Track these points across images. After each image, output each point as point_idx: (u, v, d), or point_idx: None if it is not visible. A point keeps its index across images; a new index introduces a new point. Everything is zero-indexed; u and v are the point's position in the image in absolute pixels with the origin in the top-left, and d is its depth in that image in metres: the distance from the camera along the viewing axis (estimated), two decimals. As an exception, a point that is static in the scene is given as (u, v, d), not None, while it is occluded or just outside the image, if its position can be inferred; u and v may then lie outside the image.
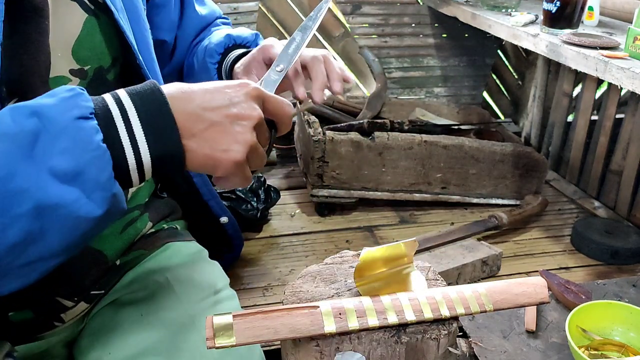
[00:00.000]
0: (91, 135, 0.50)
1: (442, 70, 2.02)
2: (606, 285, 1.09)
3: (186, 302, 0.79)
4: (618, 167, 1.53)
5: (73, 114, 0.50)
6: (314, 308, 0.62)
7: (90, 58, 0.73)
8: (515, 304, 0.68)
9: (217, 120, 0.56)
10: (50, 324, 0.76)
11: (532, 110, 1.94)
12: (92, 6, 0.73)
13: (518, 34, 1.34)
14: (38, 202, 0.48)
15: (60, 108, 0.50)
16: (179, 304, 0.78)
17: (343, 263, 0.75)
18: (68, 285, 0.76)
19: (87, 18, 0.72)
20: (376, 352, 0.61)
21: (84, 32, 0.72)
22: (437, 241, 1.28)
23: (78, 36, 0.71)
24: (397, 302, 0.64)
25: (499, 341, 0.93)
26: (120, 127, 0.53)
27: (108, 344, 0.75)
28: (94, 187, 0.51)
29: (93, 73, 0.74)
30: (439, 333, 0.63)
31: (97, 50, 0.74)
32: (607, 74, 1.07)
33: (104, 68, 0.75)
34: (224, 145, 0.57)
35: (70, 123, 0.50)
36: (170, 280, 0.82)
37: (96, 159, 0.50)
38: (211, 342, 0.57)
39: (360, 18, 1.90)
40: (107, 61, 0.75)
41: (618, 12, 1.45)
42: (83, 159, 0.50)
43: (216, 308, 0.80)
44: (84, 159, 0.50)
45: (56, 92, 0.53)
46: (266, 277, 1.23)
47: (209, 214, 1.00)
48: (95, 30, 0.73)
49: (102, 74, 0.75)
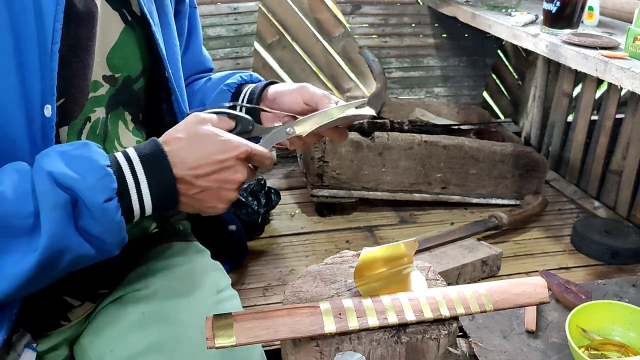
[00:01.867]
0: (113, 214, 0.62)
1: (442, 70, 2.02)
2: (606, 285, 1.09)
3: (188, 302, 0.79)
4: (618, 167, 1.53)
5: (102, 197, 0.61)
6: (314, 308, 0.62)
7: (122, 66, 0.77)
8: (515, 304, 0.68)
9: (207, 185, 0.66)
10: (57, 323, 0.77)
11: (532, 110, 1.94)
12: (130, 17, 0.77)
13: (518, 34, 1.34)
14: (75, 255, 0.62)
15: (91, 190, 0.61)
16: (181, 303, 0.79)
17: (343, 263, 0.75)
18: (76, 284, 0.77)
19: (124, 28, 0.76)
20: (376, 352, 0.61)
21: (120, 41, 0.76)
22: (437, 241, 1.28)
23: (114, 44, 0.75)
24: (397, 302, 0.64)
25: (499, 341, 0.93)
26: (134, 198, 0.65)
27: (110, 342, 0.75)
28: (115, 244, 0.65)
29: (122, 81, 0.78)
30: (439, 333, 0.63)
31: (128, 59, 0.78)
32: (607, 74, 1.07)
33: (132, 77, 0.79)
34: (211, 203, 0.68)
35: (98, 205, 0.61)
36: (172, 279, 0.82)
37: (117, 230, 0.63)
38: (211, 342, 0.57)
39: (360, 18, 1.90)
40: (136, 71, 0.80)
41: (618, 12, 1.45)
42: (107, 228, 0.62)
43: (218, 308, 0.80)
44: (107, 228, 0.62)
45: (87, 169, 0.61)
46: (266, 277, 1.24)
47: (217, 221, 1.01)
48: (130, 40, 0.78)
49: (129, 82, 0.79)
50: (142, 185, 0.64)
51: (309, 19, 1.86)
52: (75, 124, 0.73)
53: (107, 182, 0.62)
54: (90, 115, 0.75)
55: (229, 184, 0.67)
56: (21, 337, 0.73)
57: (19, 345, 0.72)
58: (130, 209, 0.64)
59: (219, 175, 0.66)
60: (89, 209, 0.61)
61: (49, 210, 0.60)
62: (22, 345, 0.73)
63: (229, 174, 0.66)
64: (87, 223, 0.61)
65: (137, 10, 0.78)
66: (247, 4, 1.73)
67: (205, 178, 0.65)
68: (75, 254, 0.62)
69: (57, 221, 0.60)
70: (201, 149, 0.66)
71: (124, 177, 0.64)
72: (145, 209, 0.65)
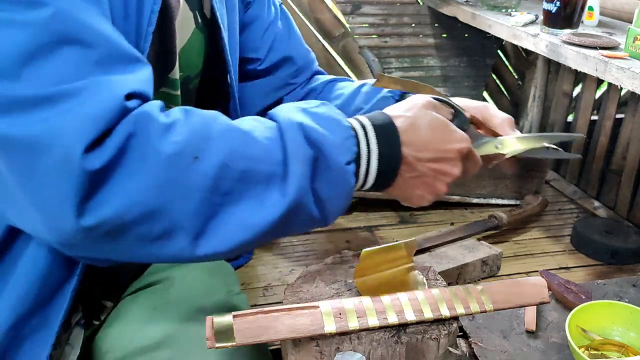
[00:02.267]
0: (350, 178, 0.61)
1: (442, 70, 2.02)
2: (606, 285, 1.09)
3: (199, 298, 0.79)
4: (618, 167, 1.53)
5: (344, 159, 0.60)
6: (314, 308, 0.62)
7: (185, 66, 0.78)
8: (516, 304, 0.69)
9: (425, 172, 0.65)
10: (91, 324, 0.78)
11: (532, 110, 1.94)
12: (200, 20, 0.78)
13: (518, 34, 1.34)
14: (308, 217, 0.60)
15: (336, 150, 0.59)
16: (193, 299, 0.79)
17: (343, 263, 0.75)
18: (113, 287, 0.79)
19: (195, 30, 0.77)
20: (376, 352, 0.61)
21: (189, 42, 0.77)
22: (437, 241, 1.27)
23: (184, 45, 0.76)
24: (397, 302, 0.64)
25: (499, 341, 0.93)
26: (362, 167, 0.63)
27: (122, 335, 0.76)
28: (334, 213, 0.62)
29: (182, 80, 0.78)
30: (439, 333, 0.63)
31: (192, 60, 0.79)
32: (607, 74, 1.07)
33: (190, 77, 0.81)
34: (421, 192, 0.67)
35: (340, 165, 0.60)
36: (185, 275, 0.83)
37: (344, 195, 0.62)
38: (211, 342, 0.57)
39: (360, 18, 1.90)
40: (194, 71, 0.81)
41: (618, 12, 1.45)
42: (336, 193, 0.61)
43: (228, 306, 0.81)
44: (337, 193, 0.61)
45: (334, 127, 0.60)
46: (266, 277, 1.23)
47: None
48: (198, 42, 0.79)
49: (187, 82, 0.80)
50: (372, 155, 0.62)
51: (309, 19, 1.86)
52: None
53: (350, 144, 0.60)
54: None
55: (445, 176, 0.66)
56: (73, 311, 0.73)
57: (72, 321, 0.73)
58: (357, 178, 0.63)
59: (439, 165, 0.65)
60: (328, 170, 0.59)
61: (298, 162, 0.57)
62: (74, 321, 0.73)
63: (448, 166, 0.65)
64: (321, 185, 0.59)
65: (208, 13, 0.79)
66: (247, 4, 1.73)
67: (425, 164, 0.64)
68: (305, 216, 0.60)
69: (303, 175, 0.57)
70: (429, 133, 0.64)
71: (359, 143, 0.62)
72: (367, 181, 0.63)
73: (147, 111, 0.54)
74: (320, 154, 0.58)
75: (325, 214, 0.61)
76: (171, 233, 0.54)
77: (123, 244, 0.54)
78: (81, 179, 0.50)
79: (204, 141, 0.54)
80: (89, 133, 0.50)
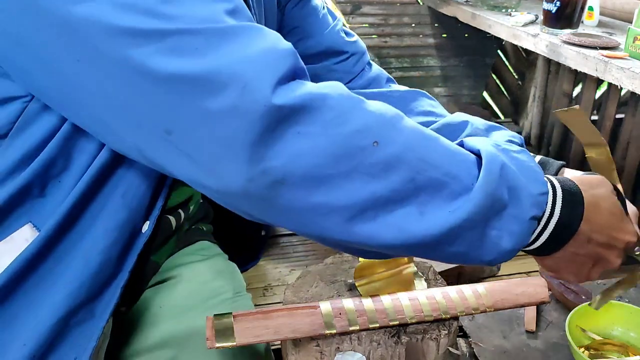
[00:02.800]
0: (529, 233, 0.57)
1: (442, 70, 2.02)
2: (606, 285, 1.09)
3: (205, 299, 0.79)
4: (618, 167, 1.53)
5: (533, 213, 0.56)
6: (314, 308, 0.62)
7: None
8: (515, 304, 0.69)
9: (590, 253, 0.62)
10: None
11: (532, 110, 1.94)
12: None
13: (518, 34, 1.34)
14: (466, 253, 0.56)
15: (529, 201, 0.56)
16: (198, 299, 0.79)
17: (343, 263, 0.75)
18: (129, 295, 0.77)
19: None
20: (376, 352, 0.61)
21: None
22: (437, 241, 1.27)
23: None
24: (397, 302, 0.64)
25: (499, 341, 0.93)
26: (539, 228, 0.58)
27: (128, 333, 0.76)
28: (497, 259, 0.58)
29: None
30: (439, 333, 0.63)
31: None
32: (607, 74, 1.07)
33: None
34: (577, 272, 0.64)
35: (526, 219, 0.56)
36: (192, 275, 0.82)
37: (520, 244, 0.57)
38: (211, 342, 0.57)
39: (360, 18, 1.90)
40: None
41: (618, 12, 1.45)
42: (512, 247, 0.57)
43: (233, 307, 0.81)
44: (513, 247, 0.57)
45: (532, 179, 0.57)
46: (266, 277, 1.24)
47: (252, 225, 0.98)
48: None
49: None
50: (552, 219, 0.59)
51: (309, 19, 1.87)
52: None
53: (543, 201, 0.57)
54: None
55: (604, 262, 0.64)
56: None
57: None
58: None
59: (605, 251, 0.63)
60: (513, 219, 0.56)
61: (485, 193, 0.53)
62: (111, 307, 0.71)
63: (612, 255, 0.64)
64: (501, 232, 0.56)
65: None
66: (247, 4, 1.74)
67: (594, 246, 0.62)
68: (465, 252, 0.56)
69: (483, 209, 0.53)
70: (609, 217, 0.63)
71: (543, 206, 0.58)
72: (537, 240, 0.60)
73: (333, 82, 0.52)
74: (513, 202, 0.56)
75: (491, 259, 0.58)
76: (327, 209, 0.51)
77: (280, 204, 0.51)
78: (266, 115, 0.47)
79: (388, 128, 0.52)
80: (280, 67, 0.48)
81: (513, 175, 0.56)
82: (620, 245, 0.64)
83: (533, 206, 0.56)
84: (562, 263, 0.63)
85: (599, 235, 0.61)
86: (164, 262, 0.85)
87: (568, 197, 0.60)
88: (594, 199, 0.62)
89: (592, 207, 0.61)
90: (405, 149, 0.52)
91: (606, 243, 0.62)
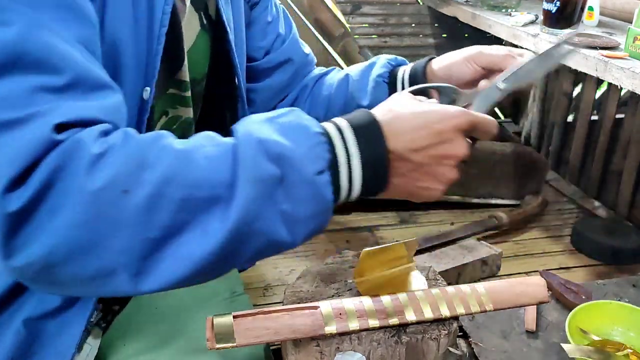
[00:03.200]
0: (324, 190, 0.54)
1: (442, 70, 2.02)
2: (606, 285, 1.09)
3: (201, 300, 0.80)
4: (618, 167, 1.53)
5: (314, 168, 0.53)
6: (314, 308, 0.62)
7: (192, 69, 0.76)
8: (515, 304, 0.69)
9: (423, 162, 0.58)
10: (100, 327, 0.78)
11: (532, 110, 1.94)
12: (205, 21, 0.77)
13: (518, 34, 1.34)
14: (268, 242, 0.53)
15: (304, 161, 0.53)
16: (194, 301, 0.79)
17: (343, 263, 0.75)
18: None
19: (200, 31, 0.76)
20: (376, 352, 0.61)
21: (195, 43, 0.76)
22: (437, 241, 1.27)
23: (190, 47, 0.75)
24: (397, 302, 0.64)
25: (499, 341, 0.93)
26: (343, 174, 0.56)
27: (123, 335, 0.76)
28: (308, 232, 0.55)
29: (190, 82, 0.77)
30: (439, 333, 0.63)
31: (198, 63, 0.78)
32: (607, 74, 1.07)
33: (197, 80, 0.79)
34: (426, 184, 0.60)
35: (310, 177, 0.53)
36: None
37: (322, 212, 0.55)
38: (211, 343, 0.57)
39: (360, 18, 1.90)
40: (200, 74, 0.79)
41: (618, 12, 1.45)
42: (311, 210, 0.54)
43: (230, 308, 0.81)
44: (312, 209, 0.54)
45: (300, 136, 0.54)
46: (266, 277, 1.23)
47: None
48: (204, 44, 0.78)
49: (193, 85, 0.78)
50: (354, 159, 0.56)
51: (309, 19, 1.86)
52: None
53: (320, 150, 0.54)
54: (169, 109, 0.75)
55: (448, 159, 0.59)
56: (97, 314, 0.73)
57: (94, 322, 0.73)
58: (338, 188, 0.56)
59: (437, 150, 0.58)
60: (296, 185, 0.52)
61: (250, 183, 0.51)
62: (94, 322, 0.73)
63: (448, 148, 0.59)
64: (290, 203, 0.53)
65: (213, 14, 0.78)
66: (247, 4, 1.74)
67: (422, 152, 0.58)
68: (267, 240, 0.53)
69: (255, 197, 0.51)
70: (416, 120, 0.58)
71: (334, 148, 0.55)
72: (353, 187, 0.57)
73: (79, 140, 0.49)
74: (286, 169, 0.52)
75: (296, 235, 0.54)
76: (107, 271, 0.50)
77: (62, 282, 0.51)
78: (2, 221, 0.47)
79: (136, 171, 0.49)
80: (9, 171, 0.47)
81: (274, 145, 0.52)
82: (451, 134, 0.59)
83: (311, 162, 0.53)
84: (408, 186, 0.60)
85: (418, 141, 0.58)
86: None
87: (360, 129, 0.57)
88: (391, 113, 0.59)
89: (393, 121, 0.58)
90: (161, 185, 0.50)
91: (433, 142, 0.58)
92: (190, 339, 0.74)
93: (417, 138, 0.58)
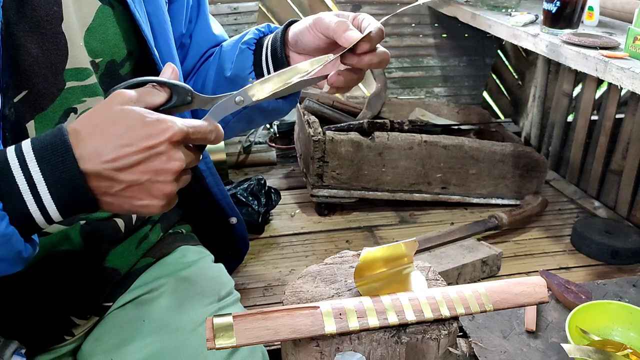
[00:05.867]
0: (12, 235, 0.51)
1: (442, 70, 2.02)
2: (606, 285, 1.09)
3: (189, 309, 0.78)
4: (618, 167, 1.53)
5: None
6: (314, 308, 0.62)
7: (102, 50, 0.70)
8: (515, 304, 0.68)
9: (134, 179, 0.54)
10: (61, 339, 0.76)
11: (532, 110, 1.94)
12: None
13: (518, 34, 1.34)
14: None
15: None
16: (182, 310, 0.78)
17: (343, 263, 0.75)
18: (83, 304, 0.76)
19: (100, 7, 0.69)
20: (376, 352, 0.61)
21: (96, 22, 0.68)
22: (437, 241, 1.28)
23: (89, 26, 0.68)
24: (397, 302, 0.64)
25: (499, 341, 0.93)
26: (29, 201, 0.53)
27: (110, 349, 0.75)
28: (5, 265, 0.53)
29: (105, 67, 0.71)
30: (439, 333, 0.63)
31: (109, 42, 0.70)
32: (607, 74, 1.07)
33: (117, 62, 0.72)
34: (144, 201, 0.56)
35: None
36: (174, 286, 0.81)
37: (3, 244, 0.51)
38: (211, 342, 0.57)
39: (360, 18, 1.90)
40: (120, 55, 0.72)
41: (618, 12, 1.45)
42: None
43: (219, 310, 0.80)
44: None
45: None
46: (266, 277, 1.24)
47: (218, 215, 0.95)
48: (109, 21, 0.70)
49: (114, 68, 0.72)
50: (40, 186, 0.52)
51: (309, 19, 1.86)
52: (46, 117, 0.66)
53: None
54: (76, 106, 0.68)
55: (163, 174, 0.55)
56: (6, 344, 0.68)
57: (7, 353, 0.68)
58: (27, 215, 0.53)
59: (148, 166, 0.54)
60: None
61: None
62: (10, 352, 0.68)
63: (161, 163, 0.54)
64: None
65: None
66: (247, 4, 1.73)
67: (130, 170, 0.54)
68: None
69: None
70: (122, 135, 0.53)
71: (13, 178, 0.52)
72: (50, 214, 0.54)
73: None
74: None
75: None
76: None
77: None
78: None
79: None
80: None
81: None
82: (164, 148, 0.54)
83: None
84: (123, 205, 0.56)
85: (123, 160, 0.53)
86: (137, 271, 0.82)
87: (45, 153, 0.52)
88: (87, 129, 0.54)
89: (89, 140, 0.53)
90: None
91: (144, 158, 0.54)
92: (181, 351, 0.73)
93: (123, 156, 0.53)
